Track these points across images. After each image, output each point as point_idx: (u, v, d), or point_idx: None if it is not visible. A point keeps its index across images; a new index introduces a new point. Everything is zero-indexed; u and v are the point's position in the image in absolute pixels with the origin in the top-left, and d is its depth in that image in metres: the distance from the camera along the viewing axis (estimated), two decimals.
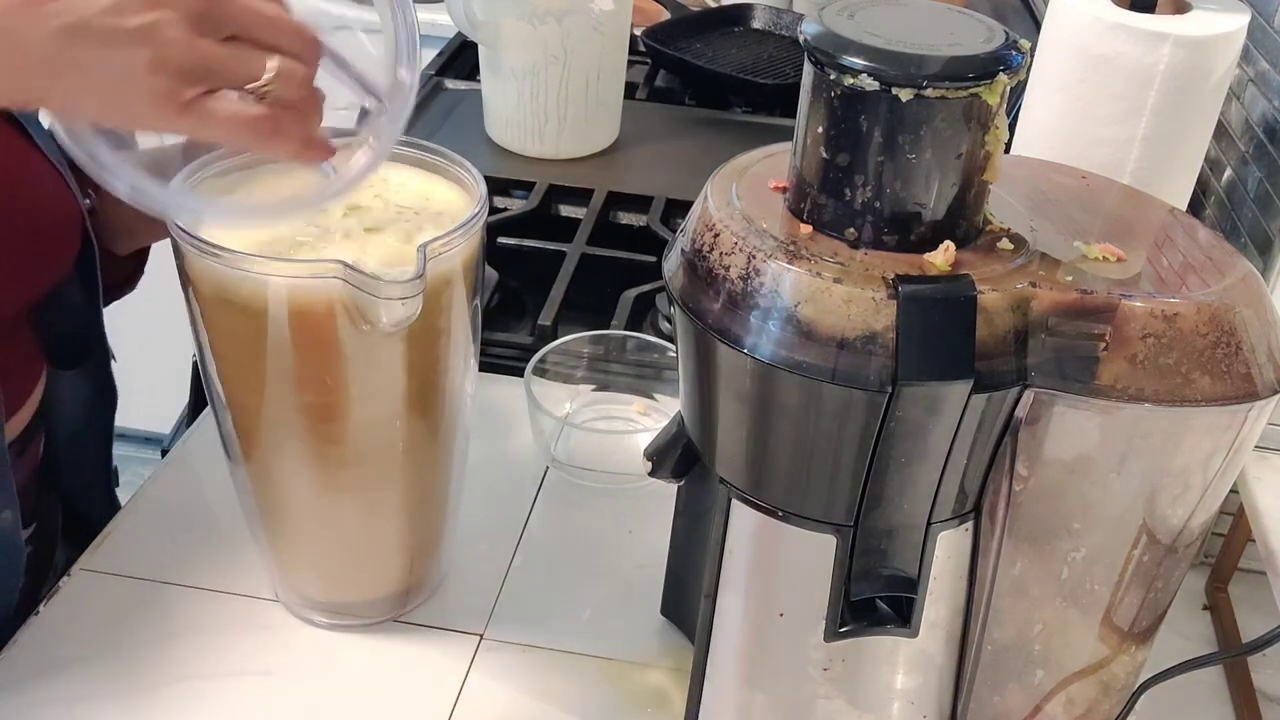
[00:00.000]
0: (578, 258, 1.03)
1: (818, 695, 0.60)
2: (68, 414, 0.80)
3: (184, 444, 0.87)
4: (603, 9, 1.13)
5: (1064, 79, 0.84)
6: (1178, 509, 0.55)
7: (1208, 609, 0.78)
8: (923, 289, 0.50)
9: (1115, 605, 0.58)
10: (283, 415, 0.63)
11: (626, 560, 0.79)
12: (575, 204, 1.13)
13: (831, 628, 0.58)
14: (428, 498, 0.71)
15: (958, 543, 0.57)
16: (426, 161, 0.69)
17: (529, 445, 0.87)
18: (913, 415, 0.51)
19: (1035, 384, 0.51)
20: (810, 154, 0.53)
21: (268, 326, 0.60)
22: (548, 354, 0.90)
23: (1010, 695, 0.62)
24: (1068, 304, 0.51)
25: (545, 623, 0.74)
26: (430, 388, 0.66)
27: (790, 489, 0.56)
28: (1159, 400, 0.51)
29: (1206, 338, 0.50)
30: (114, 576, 0.75)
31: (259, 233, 0.61)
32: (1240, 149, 0.95)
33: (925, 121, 0.50)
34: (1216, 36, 0.80)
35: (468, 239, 0.62)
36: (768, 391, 0.53)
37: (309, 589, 0.73)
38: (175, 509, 0.80)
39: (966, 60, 0.50)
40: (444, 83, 1.35)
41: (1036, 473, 0.54)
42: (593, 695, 0.69)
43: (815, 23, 0.52)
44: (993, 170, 0.53)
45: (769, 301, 0.51)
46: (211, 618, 0.73)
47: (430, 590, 0.75)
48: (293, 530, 0.70)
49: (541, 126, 1.18)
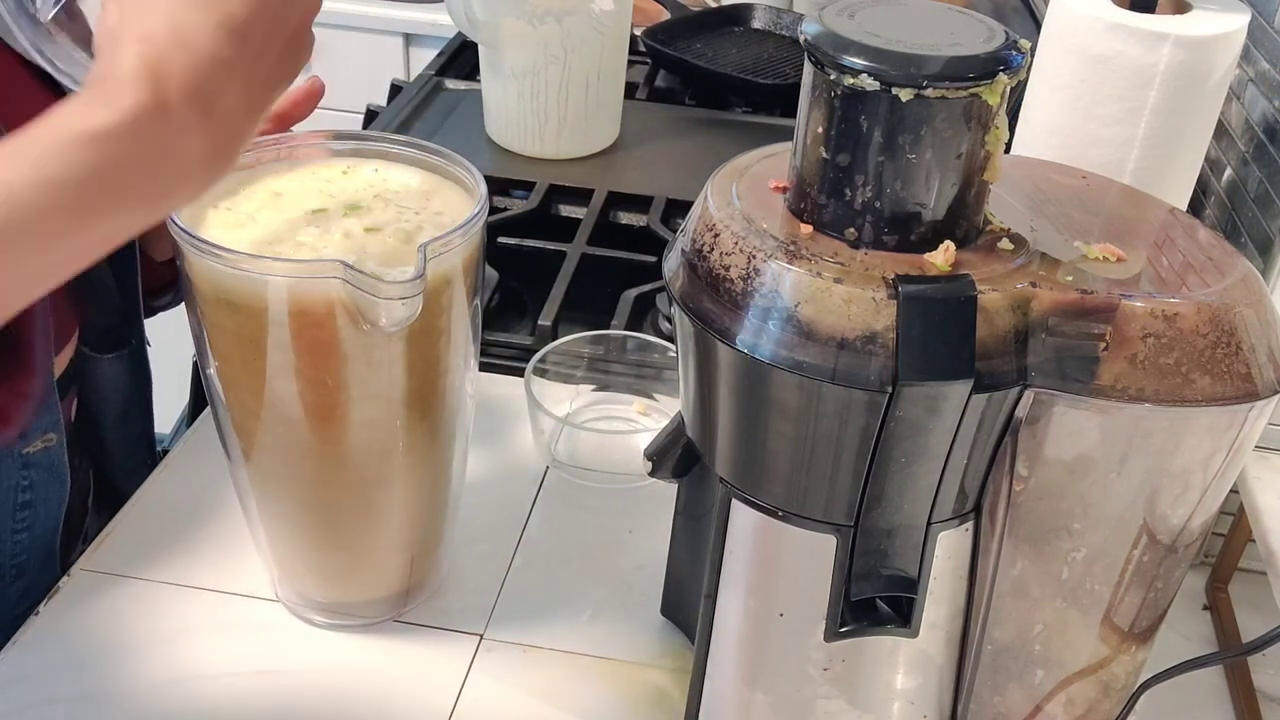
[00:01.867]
0: (578, 258, 1.03)
1: (818, 695, 0.60)
2: (110, 396, 0.81)
3: (184, 444, 0.87)
4: (603, 9, 1.13)
5: (1064, 79, 0.84)
6: (1178, 509, 0.55)
7: (1208, 609, 0.78)
8: (923, 289, 0.50)
9: (1115, 605, 0.58)
10: (283, 415, 0.63)
11: (626, 560, 0.79)
12: (575, 204, 1.13)
13: (831, 628, 0.58)
14: (427, 498, 0.71)
15: (958, 543, 0.57)
16: (426, 161, 0.69)
17: (529, 445, 0.87)
18: (913, 415, 0.51)
19: (1035, 384, 0.51)
20: (810, 154, 0.53)
21: (268, 326, 0.60)
22: (548, 354, 0.90)
23: (1010, 695, 0.62)
24: (1068, 304, 0.51)
25: (545, 623, 0.74)
26: (430, 388, 0.66)
27: (790, 489, 0.56)
28: (1159, 400, 0.51)
29: (1207, 338, 0.50)
30: (114, 576, 0.75)
31: (259, 233, 0.62)
32: (1240, 149, 0.95)
33: (925, 121, 0.50)
34: (1216, 36, 0.80)
35: (468, 239, 0.62)
36: (768, 392, 0.53)
37: (309, 589, 0.73)
38: (175, 509, 0.80)
39: (966, 60, 0.50)
40: (444, 83, 1.35)
41: (1036, 473, 0.54)
42: (593, 695, 0.69)
43: (815, 23, 0.52)
44: (993, 170, 0.53)
45: (769, 301, 0.51)
46: (211, 618, 0.73)
47: (430, 590, 0.75)
48: (293, 530, 0.70)
49: (541, 126, 1.18)
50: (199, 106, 0.49)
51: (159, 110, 0.48)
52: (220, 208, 0.64)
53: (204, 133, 0.49)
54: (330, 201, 0.65)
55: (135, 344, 0.86)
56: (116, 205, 0.49)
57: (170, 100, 0.48)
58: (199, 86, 0.49)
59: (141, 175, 0.49)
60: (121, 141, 0.48)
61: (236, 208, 0.64)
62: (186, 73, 0.48)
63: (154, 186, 0.50)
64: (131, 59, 0.48)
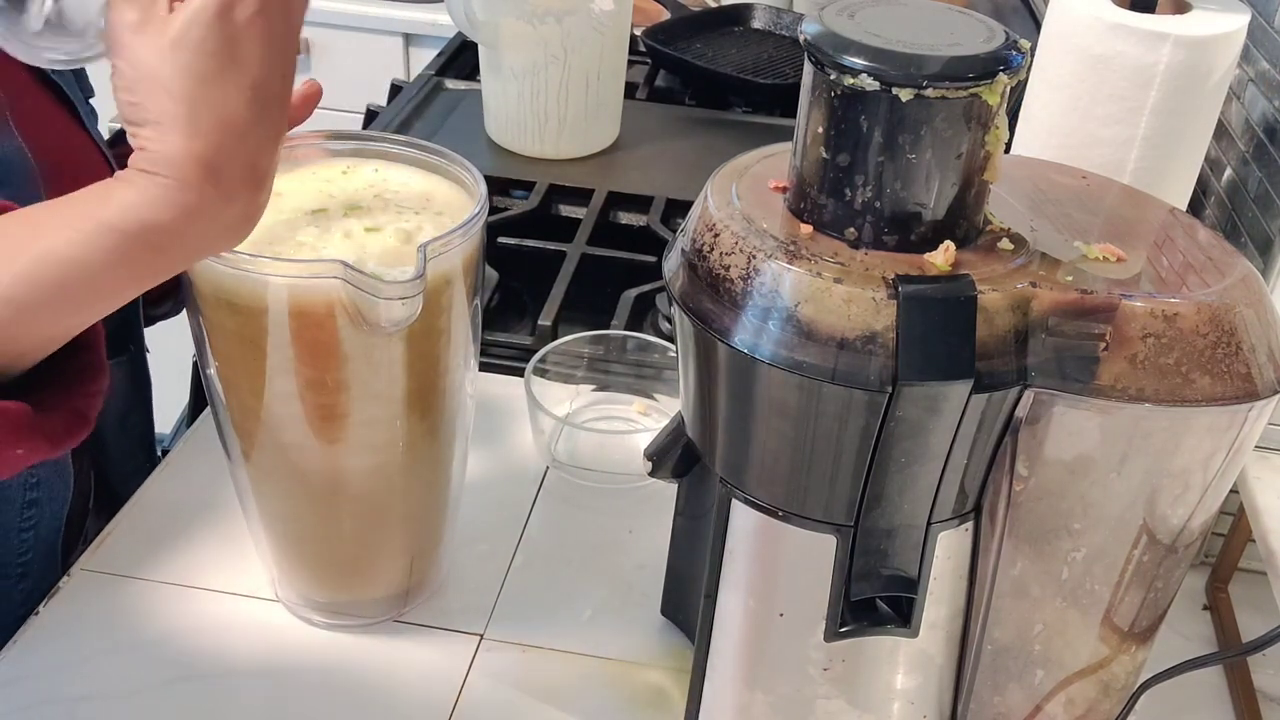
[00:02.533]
0: (578, 258, 1.03)
1: (818, 695, 0.60)
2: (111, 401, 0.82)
3: (184, 444, 0.87)
4: (603, 9, 1.13)
5: (1064, 79, 0.85)
6: (1178, 509, 0.55)
7: (1208, 609, 0.78)
8: (923, 289, 0.50)
9: (1115, 605, 0.58)
10: (283, 415, 0.63)
11: (626, 560, 0.79)
12: (575, 204, 1.13)
13: (831, 628, 0.58)
14: (428, 498, 0.71)
15: (958, 543, 0.57)
16: (426, 161, 0.69)
17: (529, 445, 0.87)
18: (913, 415, 0.51)
19: (1035, 384, 0.51)
20: (810, 154, 0.53)
21: (268, 326, 0.60)
22: (548, 354, 0.90)
23: (1010, 695, 0.62)
24: (1068, 304, 0.51)
25: (545, 623, 0.74)
26: (430, 388, 0.66)
27: (790, 489, 0.56)
28: (1159, 400, 0.51)
29: (1206, 338, 0.50)
30: (114, 576, 0.75)
31: (259, 233, 0.62)
32: (1240, 149, 0.95)
33: (925, 121, 0.50)
34: (1216, 36, 0.80)
35: (468, 239, 0.62)
36: (768, 392, 0.53)
37: (309, 589, 0.73)
38: (175, 509, 0.80)
39: (966, 60, 0.50)
40: (444, 83, 1.35)
41: (1036, 473, 0.54)
42: (593, 695, 0.69)
43: (815, 23, 0.52)
44: (993, 170, 0.53)
45: (769, 301, 0.51)
46: (211, 618, 0.73)
47: (430, 590, 0.75)
48: (293, 530, 0.70)
49: (541, 126, 1.18)
50: (252, 182, 0.51)
51: (225, 201, 0.50)
52: None
53: (253, 202, 0.51)
54: (330, 201, 0.65)
55: (134, 350, 0.86)
56: (156, 276, 0.52)
57: (234, 189, 0.50)
58: (252, 164, 0.50)
59: (193, 253, 0.54)
60: (184, 233, 0.50)
61: None
62: (241, 156, 0.50)
63: (198, 255, 0.55)
64: (188, 162, 0.49)
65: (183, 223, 0.49)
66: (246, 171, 0.50)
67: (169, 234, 0.49)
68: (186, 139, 0.48)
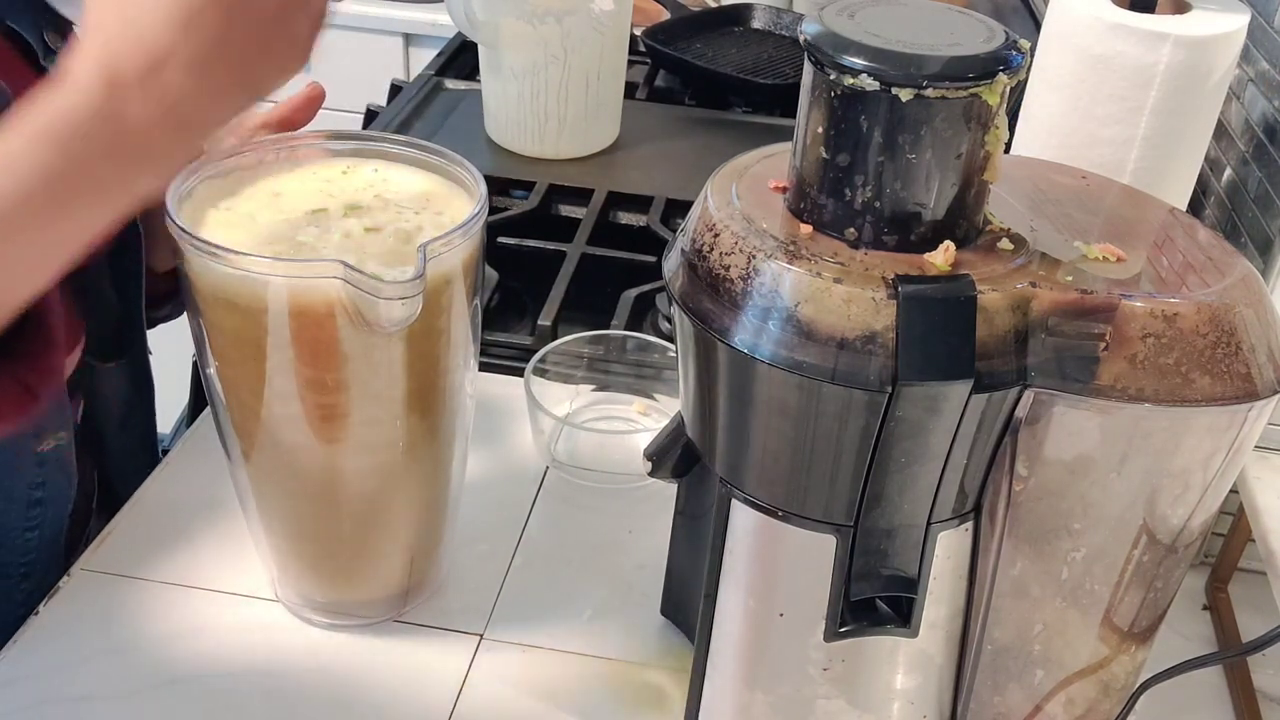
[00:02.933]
0: (578, 258, 1.03)
1: (818, 695, 0.60)
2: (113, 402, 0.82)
3: (184, 444, 0.87)
4: (603, 9, 1.13)
5: (1064, 79, 0.85)
6: (1178, 509, 0.55)
7: (1208, 609, 0.78)
8: (923, 289, 0.50)
9: (1115, 605, 0.58)
10: (283, 415, 0.63)
11: (626, 560, 0.79)
12: (575, 204, 1.13)
13: (831, 628, 0.58)
14: (427, 497, 0.71)
15: (958, 543, 0.57)
16: (426, 161, 0.69)
17: (529, 445, 0.87)
18: (913, 415, 0.51)
19: (1035, 384, 0.51)
20: (810, 154, 0.53)
21: (268, 326, 0.60)
22: (548, 354, 0.90)
23: (1010, 695, 0.62)
24: (1068, 304, 0.51)
25: (545, 623, 0.74)
26: (430, 388, 0.66)
27: (790, 489, 0.56)
28: (1159, 400, 0.51)
29: (1206, 338, 0.50)
30: (114, 576, 0.75)
31: (259, 233, 0.62)
32: (1240, 149, 0.95)
33: (925, 121, 0.50)
34: (1216, 36, 0.80)
35: (468, 239, 0.62)
36: (768, 391, 0.53)
37: (309, 589, 0.73)
38: (175, 509, 0.80)
39: (966, 60, 0.50)
40: (444, 83, 1.35)
41: (1036, 473, 0.54)
42: (593, 695, 0.69)
43: (815, 23, 0.52)
44: (993, 170, 0.53)
45: (769, 301, 0.51)
46: (211, 618, 0.73)
47: (430, 590, 0.75)
48: (293, 530, 0.70)
49: (541, 126, 1.18)
50: (150, 85, 0.51)
51: (110, 86, 0.50)
52: (220, 208, 0.64)
53: (158, 111, 0.52)
54: (330, 201, 0.65)
55: (136, 353, 0.86)
56: (85, 190, 0.52)
57: (121, 79, 0.50)
58: (148, 66, 0.51)
59: (102, 155, 0.52)
60: (80, 123, 0.50)
61: (236, 208, 0.64)
62: (135, 52, 0.51)
63: (116, 168, 0.53)
64: (85, 46, 0.51)
65: (80, 110, 0.50)
66: (144, 72, 0.51)
67: (70, 124, 0.50)
68: (91, 31, 0.51)
